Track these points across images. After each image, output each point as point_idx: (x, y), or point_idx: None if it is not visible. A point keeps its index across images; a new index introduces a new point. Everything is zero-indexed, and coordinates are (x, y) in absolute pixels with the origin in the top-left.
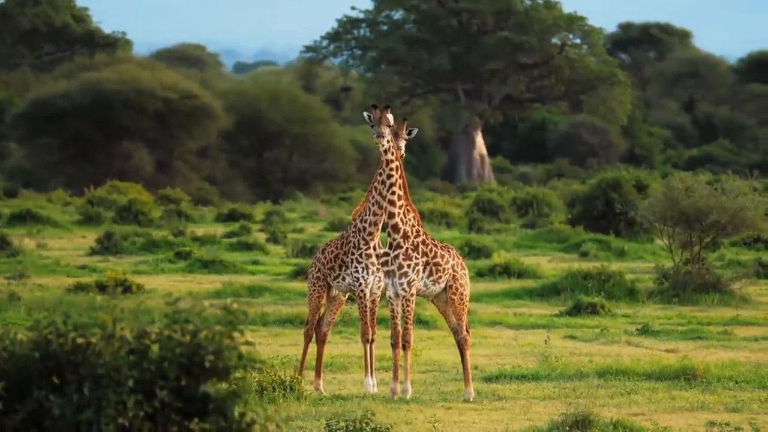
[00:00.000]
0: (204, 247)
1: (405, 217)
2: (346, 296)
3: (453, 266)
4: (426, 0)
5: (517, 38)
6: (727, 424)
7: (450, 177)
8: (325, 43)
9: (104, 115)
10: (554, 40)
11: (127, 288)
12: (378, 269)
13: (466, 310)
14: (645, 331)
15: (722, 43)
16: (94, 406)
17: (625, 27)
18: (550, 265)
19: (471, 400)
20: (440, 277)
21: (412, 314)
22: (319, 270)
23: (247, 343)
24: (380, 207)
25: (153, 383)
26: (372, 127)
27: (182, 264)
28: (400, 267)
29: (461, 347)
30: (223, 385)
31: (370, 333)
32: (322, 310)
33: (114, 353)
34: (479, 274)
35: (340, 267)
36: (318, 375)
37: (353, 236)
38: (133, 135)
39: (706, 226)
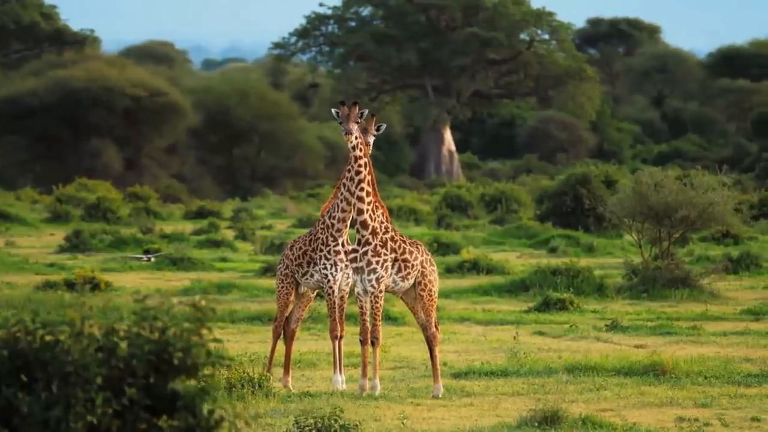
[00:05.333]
0: (172, 244)
1: (374, 214)
2: (315, 293)
3: (422, 263)
4: None
5: (486, 34)
6: (696, 420)
7: (418, 173)
8: (293, 39)
9: (72, 113)
10: (523, 36)
11: (95, 285)
12: (346, 266)
13: (434, 307)
14: (614, 326)
15: (691, 38)
16: (63, 403)
17: (594, 22)
18: (518, 261)
19: (440, 396)
20: (409, 274)
21: (381, 311)
22: (287, 267)
23: (216, 340)
24: (349, 203)
25: (121, 380)
26: (340, 123)
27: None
28: (369, 264)
29: (430, 343)
30: (192, 383)
31: (339, 330)
32: (291, 306)
33: (82, 351)
34: (448, 271)
35: (309, 264)
36: (286, 372)
37: (321, 233)
38: (101, 132)
39: (675, 221)
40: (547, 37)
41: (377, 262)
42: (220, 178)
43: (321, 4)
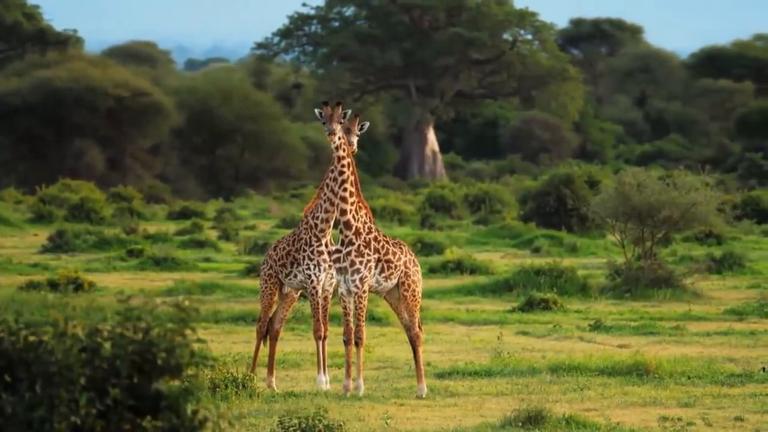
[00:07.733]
0: (156, 244)
1: (357, 214)
2: (299, 293)
3: (405, 263)
4: None
5: (469, 34)
6: (679, 419)
7: (402, 173)
8: (276, 39)
9: (56, 113)
10: (506, 36)
11: (79, 286)
12: (330, 266)
13: (418, 307)
14: (597, 326)
15: (674, 39)
16: (47, 404)
17: (577, 22)
18: (502, 261)
19: (424, 396)
20: (392, 274)
21: (365, 311)
22: (270, 267)
23: (200, 340)
24: (332, 204)
25: (105, 381)
26: (323, 123)
27: (134, 262)
28: (353, 264)
29: (414, 344)
30: (176, 383)
31: (323, 330)
32: (275, 307)
33: (66, 351)
34: (431, 271)
35: (292, 264)
36: (270, 372)
37: (305, 233)
38: (84, 133)
39: (658, 221)
40: (530, 37)
41: (361, 263)
42: (204, 179)
43: (304, 4)
